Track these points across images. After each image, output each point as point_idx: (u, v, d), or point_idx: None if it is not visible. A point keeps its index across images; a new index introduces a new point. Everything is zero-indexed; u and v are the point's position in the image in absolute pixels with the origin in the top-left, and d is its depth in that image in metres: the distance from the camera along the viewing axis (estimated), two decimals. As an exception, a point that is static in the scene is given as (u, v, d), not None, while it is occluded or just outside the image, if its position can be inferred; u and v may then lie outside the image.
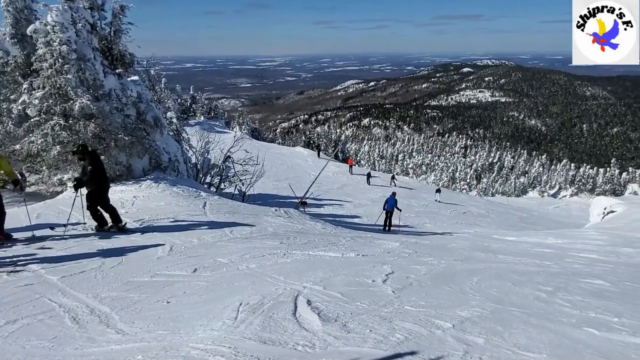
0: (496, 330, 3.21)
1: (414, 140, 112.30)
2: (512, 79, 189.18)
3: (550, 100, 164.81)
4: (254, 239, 7.48)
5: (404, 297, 4.13)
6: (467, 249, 8.83)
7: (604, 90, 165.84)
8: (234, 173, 15.78)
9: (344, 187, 27.82)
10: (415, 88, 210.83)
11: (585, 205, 40.22)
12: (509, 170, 79.06)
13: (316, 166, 31.82)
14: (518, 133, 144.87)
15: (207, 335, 3.15)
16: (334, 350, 2.80)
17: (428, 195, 30.58)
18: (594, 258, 8.41)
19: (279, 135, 73.45)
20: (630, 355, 2.79)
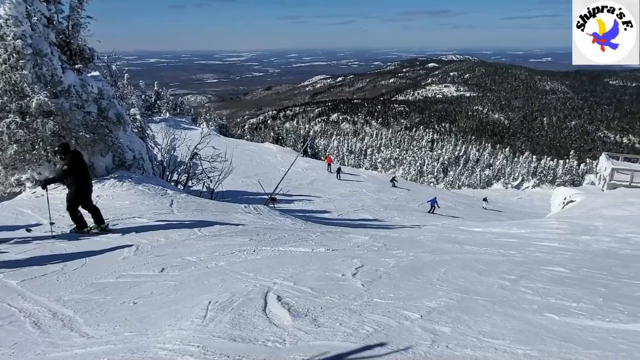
0: (462, 319, 3.29)
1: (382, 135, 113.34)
2: (476, 74, 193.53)
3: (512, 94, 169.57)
4: (223, 236, 7.39)
5: (373, 290, 4.17)
6: (435, 240, 8.99)
7: (562, 84, 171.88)
8: (201, 170, 15.53)
9: (314, 183, 27.89)
10: (382, 83, 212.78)
11: (546, 196, 41.63)
12: (474, 163, 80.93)
13: (285, 162, 31.74)
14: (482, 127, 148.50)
15: (175, 335, 3.10)
16: (304, 345, 2.81)
17: (396, 189, 31.01)
18: (555, 246, 8.71)
19: (247, 131, 72.74)
20: (587, 338, 2.91)
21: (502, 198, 45.98)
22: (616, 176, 21.05)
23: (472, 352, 2.67)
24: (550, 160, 73.07)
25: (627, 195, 17.75)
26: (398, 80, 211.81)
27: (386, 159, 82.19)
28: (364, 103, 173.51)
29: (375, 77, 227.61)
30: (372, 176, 39.59)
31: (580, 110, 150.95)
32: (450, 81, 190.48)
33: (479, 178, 73.10)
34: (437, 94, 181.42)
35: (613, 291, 4.24)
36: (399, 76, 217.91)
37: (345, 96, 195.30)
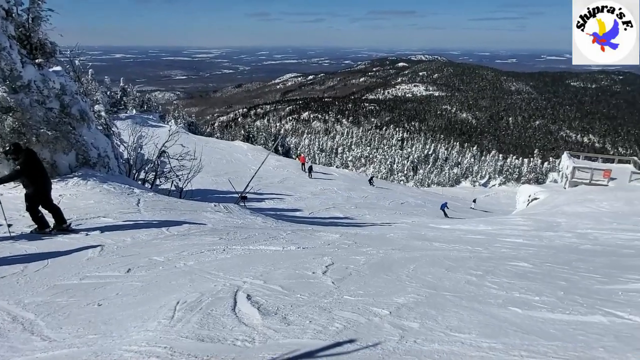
0: (430, 315, 3.34)
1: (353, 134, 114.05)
2: (444, 74, 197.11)
3: (480, 94, 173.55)
4: (192, 235, 7.28)
5: (343, 287, 4.19)
6: (405, 238, 9.11)
7: (527, 85, 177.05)
8: (169, 168, 15.24)
9: (285, 181, 27.80)
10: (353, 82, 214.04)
11: (512, 194, 42.84)
12: (443, 161, 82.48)
13: (256, 160, 31.53)
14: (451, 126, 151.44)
15: (142, 337, 3.03)
16: (274, 344, 2.80)
17: (367, 188, 31.26)
18: (520, 242, 8.97)
19: (217, 129, 71.87)
20: (548, 330, 3.01)
21: (470, 196, 47.03)
22: (577, 174, 21.87)
23: (439, 347, 2.72)
24: (515, 159, 75.31)
25: (587, 192, 18.46)
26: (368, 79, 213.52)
27: (357, 157, 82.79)
28: (334, 102, 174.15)
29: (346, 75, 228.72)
30: (343, 174, 39.78)
31: (544, 111, 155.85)
32: (420, 81, 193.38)
33: (447, 176, 74.56)
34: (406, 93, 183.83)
35: (573, 285, 4.40)
36: (369, 75, 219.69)
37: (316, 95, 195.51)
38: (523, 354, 2.60)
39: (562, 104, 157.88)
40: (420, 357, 2.58)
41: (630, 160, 26.54)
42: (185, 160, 15.31)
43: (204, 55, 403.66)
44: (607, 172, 21.44)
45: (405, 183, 66.52)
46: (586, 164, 24.45)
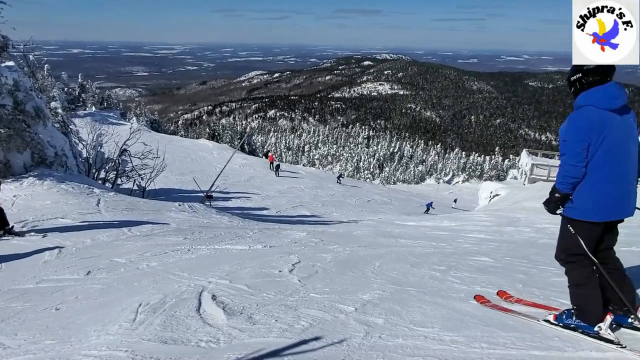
0: (395, 310, 3.39)
1: (320, 132, 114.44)
2: (409, 72, 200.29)
3: (443, 93, 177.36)
4: (156, 236, 7.12)
5: (310, 285, 4.20)
6: (371, 235, 9.21)
7: (487, 84, 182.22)
8: (131, 167, 14.84)
9: (252, 180, 27.58)
10: (319, 80, 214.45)
11: (474, 190, 44.04)
12: (408, 159, 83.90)
13: (222, 159, 31.11)
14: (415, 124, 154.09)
15: (102, 341, 2.94)
16: (239, 343, 2.77)
17: (334, 186, 31.42)
18: (482, 237, 9.23)
19: (181, 127, 70.48)
20: (507, 322, 3.12)
21: (435, 193, 48.02)
22: (536, 171, 22.69)
23: (404, 341, 2.77)
24: (478, 157, 77.48)
25: (545, 188, 19.15)
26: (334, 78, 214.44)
27: (324, 155, 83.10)
28: (301, 100, 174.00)
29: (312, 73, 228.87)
30: (310, 173, 39.83)
31: (504, 110, 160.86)
32: (385, 79, 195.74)
33: (413, 173, 75.88)
34: (372, 92, 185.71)
35: (531, 277, 4.56)
36: (335, 73, 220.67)
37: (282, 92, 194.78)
38: (484, 346, 2.68)
39: (521, 103, 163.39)
40: (385, 352, 2.61)
41: (584, 157, 27.67)
42: (148, 159, 14.95)
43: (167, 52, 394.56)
44: (563, 169, 22.30)
45: (372, 181, 67.27)
46: (544, 161, 25.40)
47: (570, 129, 2.62)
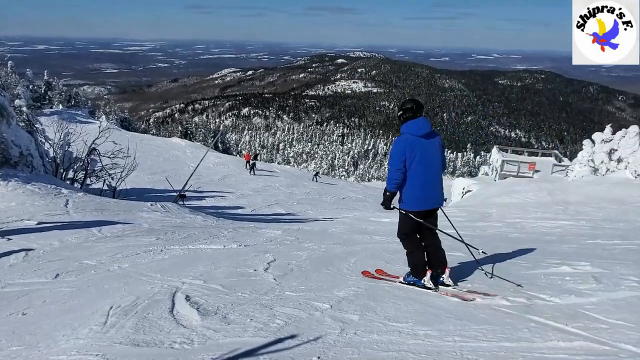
0: (369, 306, 3.42)
1: (294, 130, 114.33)
2: (382, 70, 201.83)
3: (416, 91, 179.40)
4: (127, 236, 6.97)
5: (285, 283, 4.20)
6: (346, 232, 9.26)
7: (459, 82, 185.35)
8: (101, 167, 14.46)
9: (226, 178, 27.30)
10: (293, 78, 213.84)
11: (447, 187, 44.64)
12: (382, 156, 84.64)
13: (195, 157, 30.70)
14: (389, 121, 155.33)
15: (71, 346, 2.86)
16: (213, 344, 2.74)
17: (309, 183, 31.43)
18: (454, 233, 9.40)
19: (152, 125, 69.15)
20: (479, 315, 3.19)
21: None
22: (506, 167, 23.26)
23: (378, 337, 2.80)
24: (450, 153, 78.81)
25: (515, 184, 19.67)
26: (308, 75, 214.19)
27: (298, 153, 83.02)
28: (275, 97, 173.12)
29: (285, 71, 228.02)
30: (285, 171, 39.70)
31: (475, 107, 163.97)
32: (359, 77, 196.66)
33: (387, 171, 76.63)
34: (346, 90, 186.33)
35: (501, 271, 4.67)
36: (309, 71, 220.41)
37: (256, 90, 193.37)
38: (456, 339, 2.74)
39: (491, 100, 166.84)
40: (360, 348, 2.64)
41: (552, 153, 28.64)
42: (118, 158, 14.59)
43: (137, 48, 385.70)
44: (532, 165, 23.00)
45: (347, 178, 67.56)
46: (514, 157, 26.05)
47: (394, 148, 3.86)
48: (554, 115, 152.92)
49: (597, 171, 20.32)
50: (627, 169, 18.15)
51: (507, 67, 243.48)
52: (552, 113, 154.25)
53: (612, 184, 16.03)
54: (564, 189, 16.08)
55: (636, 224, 9.33)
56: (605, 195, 14.22)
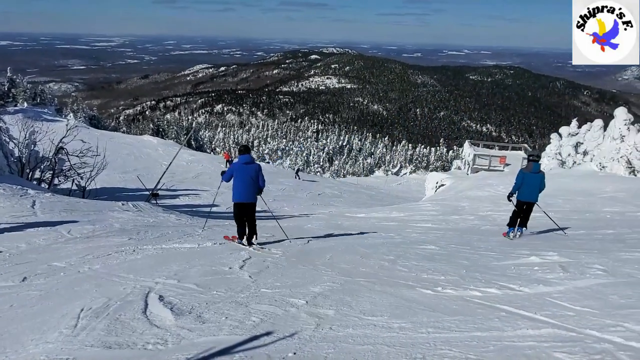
0: (345, 301, 3.45)
1: (269, 126, 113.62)
2: (356, 66, 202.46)
3: (389, 86, 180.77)
4: (98, 237, 6.81)
5: (261, 281, 4.18)
6: (322, 228, 9.29)
7: (431, 78, 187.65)
8: (69, 166, 14.07)
9: (200, 176, 26.95)
10: (266, 74, 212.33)
11: (421, 181, 45.26)
12: (357, 152, 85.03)
13: (168, 155, 30.18)
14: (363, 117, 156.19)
15: (40, 350, 2.78)
16: (188, 343, 2.71)
17: (284, 180, 31.34)
18: (429, 227, 9.54)
19: (123, 122, 67.66)
20: (452, 307, 3.25)
21: (383, 184, 49.03)
22: (478, 161, 23.71)
23: (354, 331, 2.82)
24: (424, 148, 79.85)
25: (486, 177, 20.07)
26: (282, 71, 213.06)
27: (273, 150, 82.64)
28: (248, 94, 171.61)
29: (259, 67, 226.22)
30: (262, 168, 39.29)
31: (447, 102, 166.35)
32: (332, 73, 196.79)
33: (362, 166, 77.03)
34: (320, 86, 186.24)
35: (474, 263, 4.78)
36: (282, 67, 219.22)
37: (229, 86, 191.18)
38: (430, 330, 2.78)
39: (462, 96, 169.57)
40: (336, 342, 2.65)
41: (522, 147, 29.34)
42: (87, 157, 14.22)
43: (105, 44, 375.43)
44: (503, 159, 23.52)
45: (322, 174, 67.67)
46: (485, 151, 26.59)
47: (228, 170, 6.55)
48: (523, 109, 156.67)
49: (565, 164, 20.95)
50: (592, 162, 18.78)
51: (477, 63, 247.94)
52: (521, 108, 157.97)
53: (578, 176, 16.55)
54: (533, 182, 16.51)
55: (601, 215, 9.67)
56: (573, 187, 14.67)
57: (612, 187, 13.72)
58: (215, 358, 2.51)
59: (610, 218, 9.14)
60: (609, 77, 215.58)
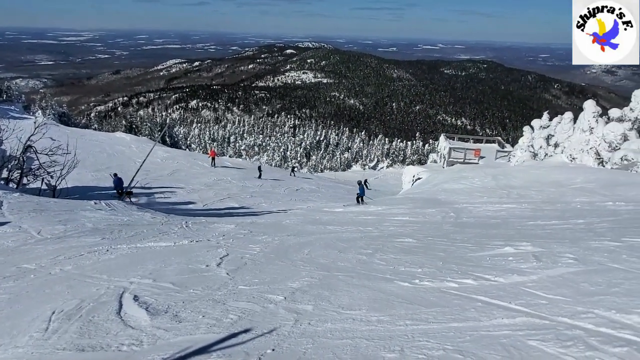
0: (323, 296, 3.44)
1: (245, 122, 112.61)
2: (331, 61, 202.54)
3: (365, 81, 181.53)
4: (69, 237, 6.63)
5: (238, 278, 4.14)
6: (300, 223, 9.27)
7: (406, 72, 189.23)
8: (38, 165, 13.65)
9: (175, 173, 26.51)
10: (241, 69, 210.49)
11: (398, 175, 45.64)
12: (334, 146, 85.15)
13: (142, 152, 29.59)
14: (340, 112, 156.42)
15: (9, 355, 2.69)
16: (164, 343, 2.66)
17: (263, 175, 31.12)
18: (406, 220, 9.62)
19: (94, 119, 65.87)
20: (429, 298, 3.28)
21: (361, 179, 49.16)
22: (453, 154, 24.04)
23: (332, 325, 2.82)
24: (400, 142, 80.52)
25: (462, 170, 20.37)
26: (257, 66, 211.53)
27: (250, 145, 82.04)
28: (224, 89, 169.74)
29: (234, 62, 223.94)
30: (237, 164, 39.07)
31: (423, 96, 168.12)
32: (308, 68, 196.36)
33: (339, 161, 77.22)
34: (296, 81, 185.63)
35: (450, 255, 4.83)
36: (258, 62, 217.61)
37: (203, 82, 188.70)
38: (407, 323, 2.80)
39: (437, 90, 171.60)
40: (315, 337, 2.64)
41: (495, 140, 29.88)
42: (57, 155, 13.82)
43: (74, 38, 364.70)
44: (477, 151, 23.91)
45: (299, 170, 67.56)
46: (460, 144, 26.97)
47: None
48: (496, 103, 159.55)
49: (537, 156, 21.44)
50: (563, 153, 19.27)
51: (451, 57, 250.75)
52: (494, 101, 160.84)
53: (550, 168, 16.96)
54: (507, 174, 16.83)
55: (572, 205, 9.93)
56: (545, 178, 15.02)
57: (582, 178, 14.11)
58: (192, 357, 2.47)
59: (580, 208, 9.39)
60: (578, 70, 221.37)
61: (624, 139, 17.01)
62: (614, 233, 5.42)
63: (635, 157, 15.69)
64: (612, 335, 2.43)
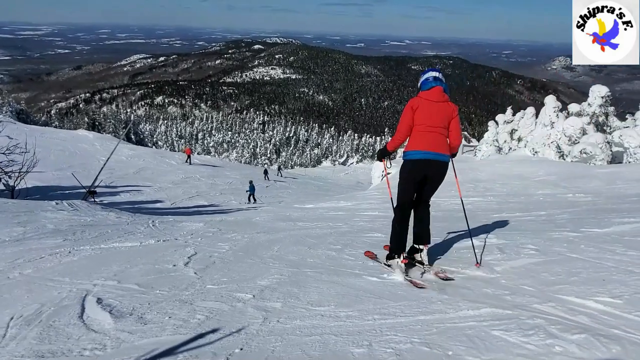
0: (292, 293, 3.44)
1: (213, 118, 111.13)
2: (300, 57, 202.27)
3: (334, 77, 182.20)
4: (29, 239, 6.37)
5: (207, 277, 4.08)
6: (270, 220, 9.22)
7: (375, 68, 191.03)
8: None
9: (142, 171, 25.97)
10: (208, 64, 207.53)
11: (368, 170, 46.10)
12: (304, 143, 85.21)
13: (105, 150, 28.79)
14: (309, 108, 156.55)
15: (-37, 365, 2.57)
16: (129, 347, 2.60)
17: (231, 173, 30.87)
18: (376, 215, 9.71)
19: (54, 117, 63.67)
20: (397, 293, 3.32)
21: (331, 174, 49.47)
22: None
23: (301, 322, 2.82)
24: (369, 138, 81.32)
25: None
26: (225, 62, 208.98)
27: (219, 142, 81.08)
28: (191, 85, 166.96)
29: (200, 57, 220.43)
30: (205, 161, 38.57)
31: (391, 92, 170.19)
32: (277, 63, 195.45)
33: (309, 157, 77.34)
34: (264, 76, 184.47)
35: (418, 248, 4.90)
36: (225, 57, 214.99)
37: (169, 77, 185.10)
38: (376, 317, 2.83)
39: (405, 85, 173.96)
40: (283, 335, 2.64)
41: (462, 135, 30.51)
42: (15, 154, 13.29)
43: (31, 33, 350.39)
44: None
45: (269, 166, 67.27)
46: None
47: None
48: (462, 98, 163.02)
49: (501, 150, 22.04)
50: (526, 147, 19.88)
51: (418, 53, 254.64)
52: (460, 96, 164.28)
53: (514, 162, 17.46)
54: (473, 168, 17.23)
55: (534, 197, 10.26)
56: (509, 172, 15.46)
57: (544, 171, 14.59)
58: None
59: (543, 200, 9.71)
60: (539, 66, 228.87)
61: (583, 132, 17.70)
62: (573, 224, 5.62)
63: (593, 150, 16.35)
64: (570, 323, 2.52)
